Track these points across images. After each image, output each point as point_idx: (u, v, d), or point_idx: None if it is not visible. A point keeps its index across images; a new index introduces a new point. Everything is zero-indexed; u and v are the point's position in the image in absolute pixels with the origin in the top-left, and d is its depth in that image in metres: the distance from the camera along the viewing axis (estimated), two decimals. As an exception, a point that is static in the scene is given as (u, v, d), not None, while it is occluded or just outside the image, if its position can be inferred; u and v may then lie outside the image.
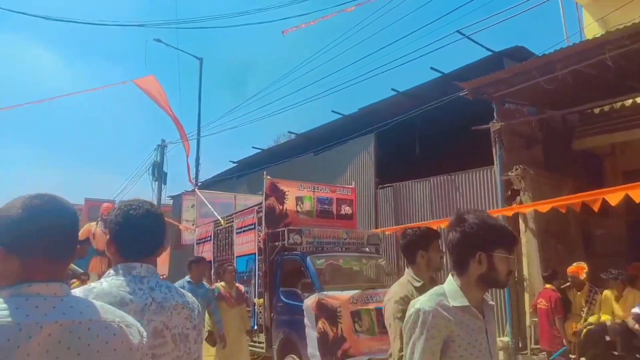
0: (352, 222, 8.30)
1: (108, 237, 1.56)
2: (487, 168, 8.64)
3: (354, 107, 11.92)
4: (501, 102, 7.74)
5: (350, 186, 8.61)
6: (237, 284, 6.66)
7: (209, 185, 18.68)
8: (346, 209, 8.31)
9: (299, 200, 7.80)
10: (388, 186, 10.66)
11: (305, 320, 6.16)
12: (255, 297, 7.31)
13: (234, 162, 15.89)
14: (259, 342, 7.12)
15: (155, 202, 21.23)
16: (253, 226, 7.64)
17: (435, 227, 8.93)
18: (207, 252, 9.35)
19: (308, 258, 6.61)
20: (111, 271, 1.51)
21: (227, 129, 31.17)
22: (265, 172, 7.64)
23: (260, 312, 7.18)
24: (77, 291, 1.36)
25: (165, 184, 21.40)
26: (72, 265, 16.76)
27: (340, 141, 12.00)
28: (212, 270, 8.94)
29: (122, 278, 1.46)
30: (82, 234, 18.77)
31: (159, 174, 21.24)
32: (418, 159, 11.11)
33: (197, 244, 9.81)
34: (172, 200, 22.14)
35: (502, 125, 7.50)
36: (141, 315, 1.39)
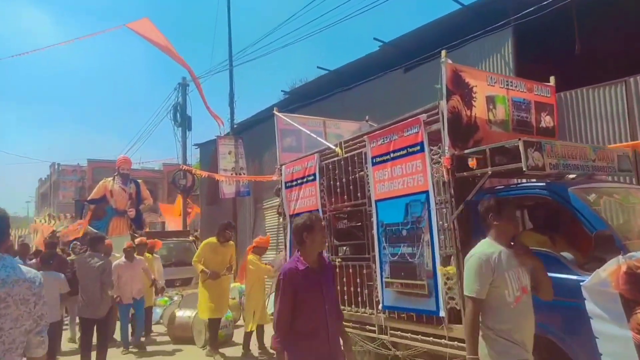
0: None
1: None
2: None
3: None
4: None
5: (549, 84, 5.47)
6: None
7: (249, 125, 15.53)
8: (547, 120, 5.24)
9: (490, 102, 4.71)
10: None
11: (591, 307, 3.25)
12: (436, 264, 4.36)
13: (285, 92, 12.65)
14: (451, 339, 4.24)
15: (180, 151, 18.17)
16: (419, 148, 4.60)
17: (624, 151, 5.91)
18: (306, 198, 6.36)
19: (570, 191, 3.61)
20: None
21: (273, 50, 26.12)
22: (444, 53, 4.48)
23: (450, 288, 4.26)
24: None
25: (190, 129, 18.26)
26: (90, 228, 13.76)
27: (452, 45, 8.75)
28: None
29: None
30: (97, 191, 15.60)
31: (182, 118, 18.05)
32: (579, 61, 7.89)
33: (286, 188, 6.80)
34: (198, 149, 19.03)
35: None
36: None
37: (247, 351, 6.77)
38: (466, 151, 4.23)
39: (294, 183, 6.65)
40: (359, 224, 5.72)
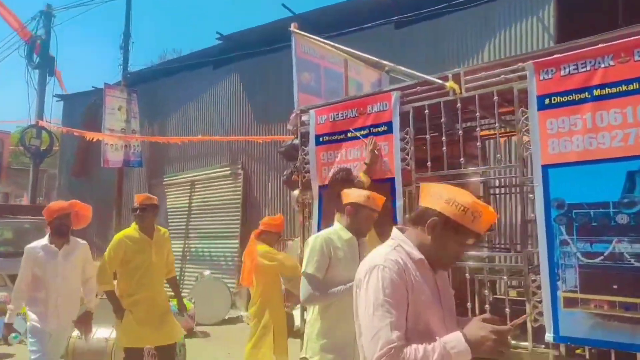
0: None
1: None
2: None
3: None
4: None
5: None
6: None
7: (146, 78, 12.03)
8: None
9: None
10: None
11: None
12: None
13: (219, 38, 9.73)
14: None
15: (36, 102, 13.57)
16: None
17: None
18: (345, 161, 4.05)
19: None
20: None
21: None
22: None
23: None
24: None
25: (52, 75, 13.82)
26: None
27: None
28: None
29: None
30: None
31: (43, 58, 13.52)
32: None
33: (317, 144, 4.34)
34: (62, 102, 14.42)
35: None
36: None
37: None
38: None
39: (337, 137, 4.28)
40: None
